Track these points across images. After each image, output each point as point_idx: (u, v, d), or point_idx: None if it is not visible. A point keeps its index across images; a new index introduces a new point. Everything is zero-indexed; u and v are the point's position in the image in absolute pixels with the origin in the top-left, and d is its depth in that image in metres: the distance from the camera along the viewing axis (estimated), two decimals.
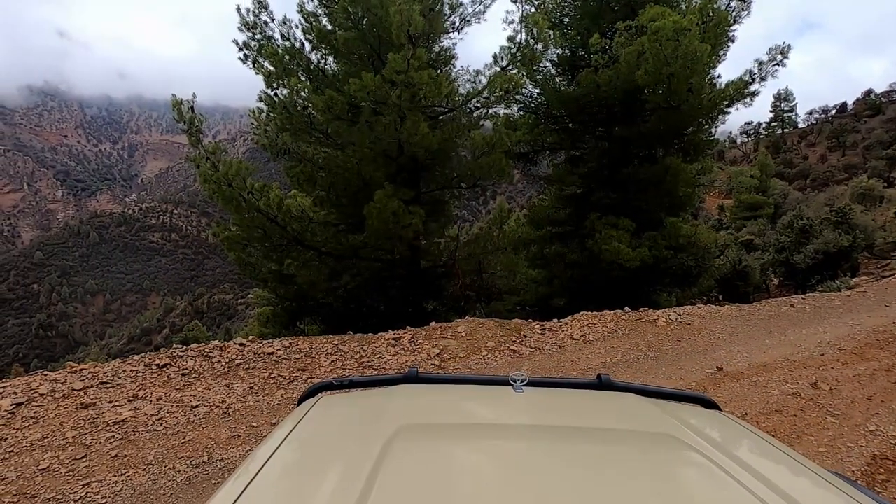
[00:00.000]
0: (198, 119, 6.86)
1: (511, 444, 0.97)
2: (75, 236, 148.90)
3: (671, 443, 0.98)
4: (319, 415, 1.16)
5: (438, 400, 1.27)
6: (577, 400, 1.29)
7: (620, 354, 5.14)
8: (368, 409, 1.20)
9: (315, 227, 8.15)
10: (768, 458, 1.02)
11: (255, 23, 7.99)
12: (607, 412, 1.21)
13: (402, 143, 7.39)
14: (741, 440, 1.13)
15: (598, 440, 1.01)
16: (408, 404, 1.18)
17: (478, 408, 1.22)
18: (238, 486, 0.79)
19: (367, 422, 1.06)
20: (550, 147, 12.50)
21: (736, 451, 0.98)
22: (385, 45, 7.36)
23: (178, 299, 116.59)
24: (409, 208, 7.31)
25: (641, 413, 1.18)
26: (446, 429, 1.03)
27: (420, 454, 0.89)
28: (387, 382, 1.33)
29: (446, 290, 10.91)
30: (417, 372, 1.34)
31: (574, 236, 11.80)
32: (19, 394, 4.01)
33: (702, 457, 0.89)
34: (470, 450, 0.94)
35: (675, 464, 0.93)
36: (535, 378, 1.28)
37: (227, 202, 7.21)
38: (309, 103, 6.52)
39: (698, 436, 1.00)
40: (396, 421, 1.00)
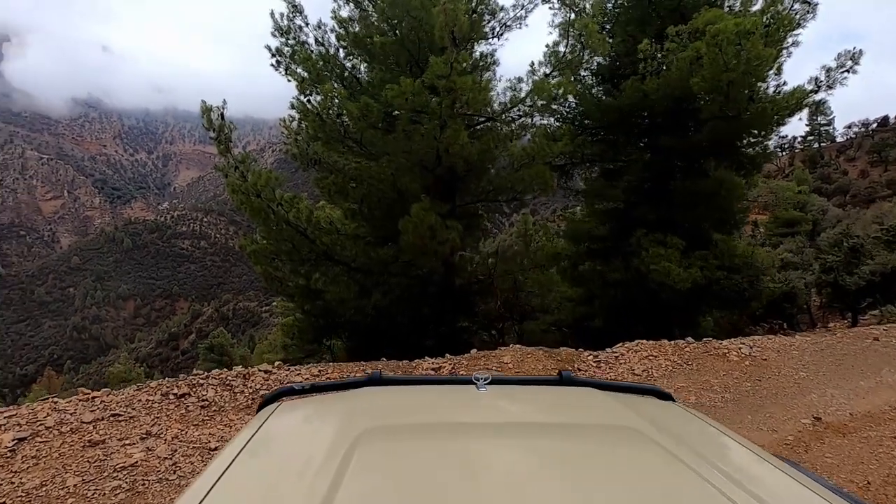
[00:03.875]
0: (227, 127, 6.53)
1: (476, 443, 0.97)
2: (110, 242, 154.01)
3: (631, 434, 0.99)
4: (281, 420, 1.14)
5: (402, 401, 1.26)
6: (540, 396, 1.31)
7: (693, 396, 4.48)
8: (331, 412, 1.18)
9: (345, 241, 7.72)
10: (721, 447, 1.06)
11: (288, 28, 7.69)
12: (569, 407, 1.23)
13: (439, 154, 6.91)
14: (696, 430, 1.16)
15: (561, 435, 1.02)
16: (371, 407, 1.17)
17: (442, 407, 1.22)
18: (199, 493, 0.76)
19: (330, 425, 1.05)
20: (590, 159, 11.87)
21: (691, 441, 1.01)
22: (424, 50, 6.94)
23: (205, 305, 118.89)
24: (447, 223, 6.80)
25: (601, 407, 1.20)
26: (411, 429, 1.02)
27: (385, 456, 0.89)
28: (349, 385, 1.31)
29: (478, 308, 10.35)
30: (381, 374, 1.32)
31: (616, 254, 11.10)
32: (24, 426, 3.60)
33: (660, 447, 0.91)
34: (435, 450, 0.93)
35: (635, 455, 0.93)
36: (497, 376, 1.28)
37: (255, 213, 6.84)
38: (343, 110, 6.10)
39: (656, 427, 1.01)
40: (360, 424, 0.99)
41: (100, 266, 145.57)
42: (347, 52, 7.46)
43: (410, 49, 6.92)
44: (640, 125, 11.64)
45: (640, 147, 12.00)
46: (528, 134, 9.16)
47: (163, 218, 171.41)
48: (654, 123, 11.24)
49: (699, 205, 10.36)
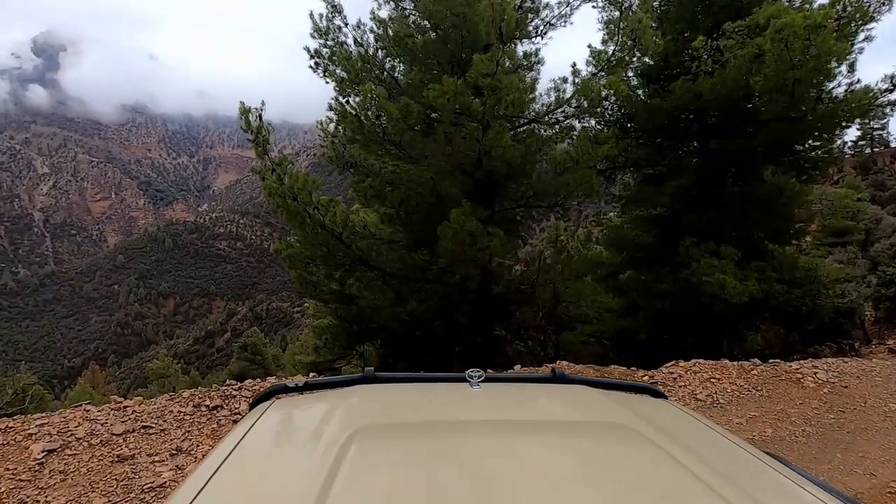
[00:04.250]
0: (265, 129, 6.41)
1: (470, 440, 0.97)
2: (152, 242, 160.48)
3: (624, 432, 0.99)
4: (274, 418, 1.13)
5: (396, 399, 1.24)
6: (534, 394, 1.31)
7: (770, 429, 3.99)
8: (324, 410, 1.18)
9: (381, 246, 7.49)
10: (713, 444, 1.07)
11: (327, 29, 7.55)
12: (562, 405, 1.23)
13: (480, 156, 6.60)
14: (689, 427, 1.16)
15: (555, 432, 1.02)
16: (365, 405, 1.16)
17: (436, 405, 1.21)
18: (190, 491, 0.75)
19: (323, 423, 1.03)
20: (634, 163, 11.32)
21: (685, 439, 1.03)
22: (466, 50, 6.66)
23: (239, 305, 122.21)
24: (488, 229, 6.47)
25: (595, 404, 1.20)
26: (404, 427, 1.02)
27: (378, 454, 0.89)
28: (343, 384, 1.29)
29: (514, 317, 9.98)
30: (374, 371, 1.31)
31: (662, 263, 10.52)
32: (55, 435, 3.48)
33: (653, 444, 0.92)
34: (429, 447, 0.93)
35: (629, 452, 0.93)
36: (491, 374, 1.28)
37: (291, 217, 6.69)
38: (382, 111, 5.88)
39: (649, 424, 1.02)
40: (353, 422, 0.99)
41: (143, 265, 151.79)
42: (387, 52, 7.26)
43: (452, 48, 6.65)
44: (688, 128, 11.05)
45: (688, 151, 11.40)
46: (569, 137, 8.76)
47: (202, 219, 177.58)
48: (704, 126, 10.63)
49: (753, 212, 9.69)
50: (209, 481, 0.80)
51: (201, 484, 0.79)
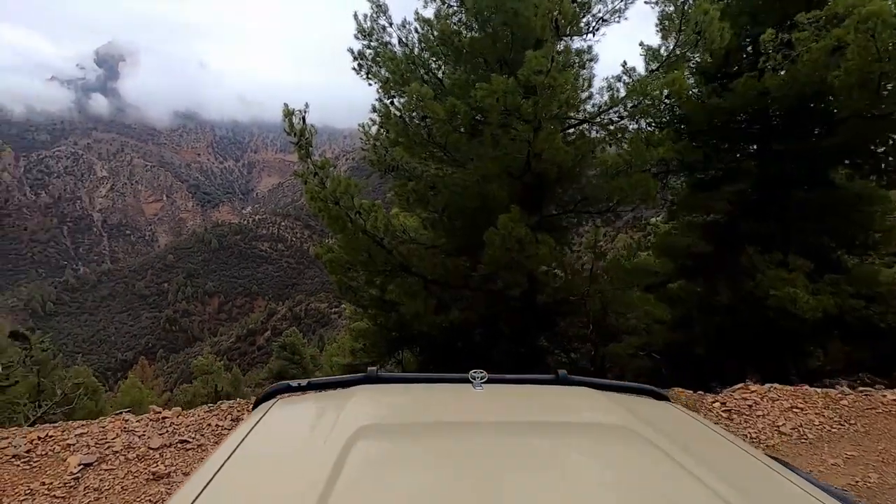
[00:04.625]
0: (308, 132, 6.28)
1: (472, 441, 0.96)
2: (199, 242, 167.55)
3: (626, 434, 0.99)
4: (276, 418, 1.13)
5: (398, 400, 1.25)
6: (536, 395, 1.30)
7: (875, 473, 3.43)
8: (327, 410, 1.15)
9: (422, 252, 7.24)
10: (715, 446, 1.07)
11: (371, 29, 7.39)
12: (565, 406, 1.23)
13: (529, 160, 6.25)
14: (691, 430, 1.15)
15: (557, 434, 1.02)
16: (367, 405, 1.16)
17: (438, 406, 1.20)
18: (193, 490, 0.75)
19: (325, 423, 1.01)
20: (689, 167, 10.66)
21: (686, 441, 1.01)
22: (516, 47, 6.33)
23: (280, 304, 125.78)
24: (537, 236, 6.10)
25: (597, 406, 1.19)
26: (407, 428, 1.02)
27: (381, 454, 0.89)
28: (345, 384, 1.29)
29: (557, 327, 9.53)
30: (377, 371, 1.31)
31: (719, 273, 9.82)
32: (92, 447, 3.37)
33: (655, 447, 0.91)
34: (431, 448, 0.93)
35: (630, 454, 0.93)
36: (494, 375, 1.27)
37: (332, 222, 6.53)
38: (428, 112, 5.62)
39: (651, 427, 1.01)
40: (356, 422, 0.98)
41: (190, 264, 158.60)
42: (431, 52, 7.02)
43: (501, 46, 6.34)
44: (748, 128, 10.33)
45: (747, 153, 10.67)
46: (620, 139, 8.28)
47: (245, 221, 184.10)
48: (766, 126, 9.89)
49: (825, 220, 8.89)
50: (211, 480, 0.79)
51: (204, 483, 0.78)
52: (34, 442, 3.33)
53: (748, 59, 10.42)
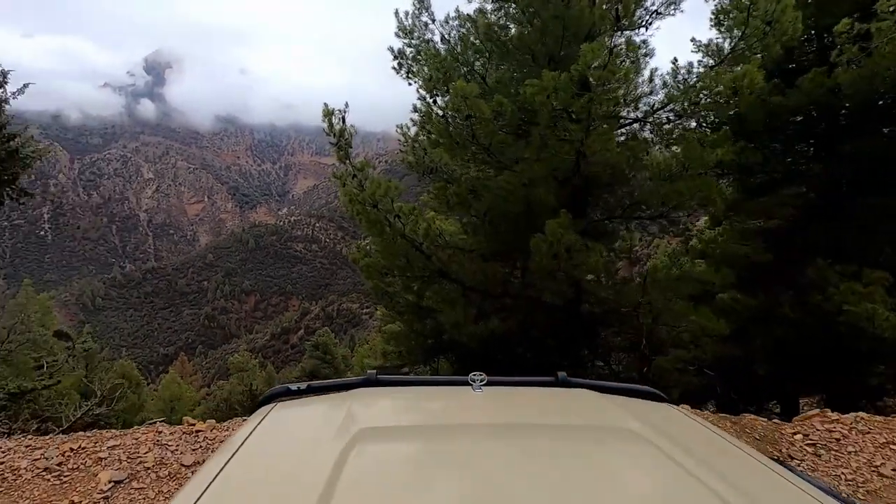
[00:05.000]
0: (347, 132, 6.08)
1: (472, 444, 0.96)
2: (238, 242, 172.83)
3: (626, 436, 0.99)
4: (276, 421, 1.13)
5: (398, 402, 1.25)
6: (536, 397, 1.30)
7: None
8: (327, 413, 1.16)
9: (462, 258, 6.93)
10: (715, 447, 1.07)
11: (412, 26, 7.16)
12: (565, 408, 1.22)
13: (579, 161, 5.85)
14: (692, 432, 1.14)
15: (557, 436, 1.02)
16: (367, 408, 1.15)
17: (438, 409, 1.20)
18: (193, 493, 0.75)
19: (325, 426, 1.03)
20: (746, 169, 9.96)
21: (687, 443, 1.01)
22: (567, 42, 5.95)
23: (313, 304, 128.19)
24: (588, 243, 5.69)
25: (597, 408, 1.19)
26: (406, 431, 1.03)
27: (380, 457, 0.88)
28: (345, 387, 1.28)
29: (599, 338, 9.06)
30: (377, 374, 1.30)
31: (780, 284, 9.11)
32: (123, 462, 3.21)
33: (656, 449, 0.91)
34: (431, 451, 0.93)
35: (631, 456, 0.93)
36: (493, 377, 1.26)
37: (370, 226, 6.31)
38: (473, 111, 5.31)
39: (652, 429, 1.01)
40: (356, 425, 0.97)
41: (228, 263, 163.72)
42: (475, 49, 6.72)
43: (551, 41, 5.97)
44: (812, 128, 9.60)
45: (809, 155, 9.92)
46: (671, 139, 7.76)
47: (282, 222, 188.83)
48: (834, 125, 9.14)
49: None
50: (211, 484, 0.78)
51: (204, 486, 0.77)
52: (66, 454, 3.20)
53: (814, 54, 9.68)
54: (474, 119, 5.50)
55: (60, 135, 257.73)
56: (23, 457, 3.12)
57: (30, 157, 5.55)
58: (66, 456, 3.17)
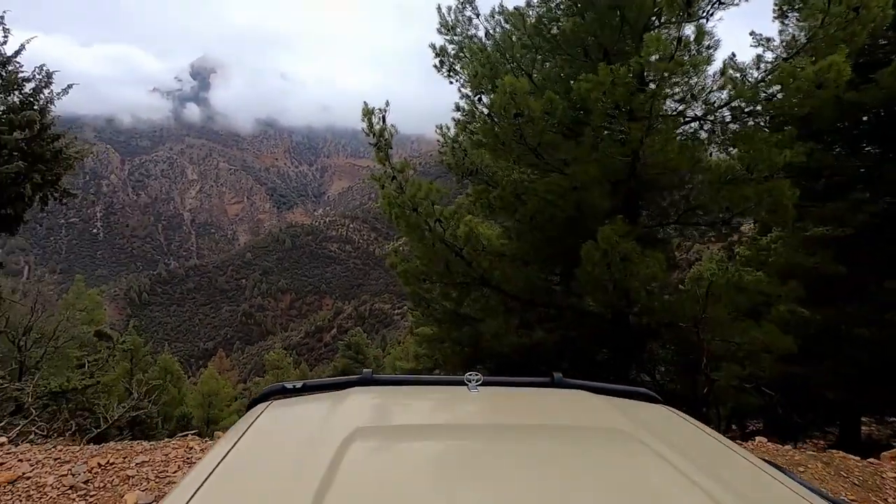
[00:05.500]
0: (388, 132, 5.82)
1: (467, 444, 0.98)
2: (275, 242, 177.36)
3: (621, 437, 1.00)
4: (271, 419, 1.13)
5: (394, 402, 1.25)
6: (532, 398, 1.30)
7: None
8: (322, 412, 1.13)
9: (505, 265, 6.56)
10: (711, 451, 1.06)
11: (455, 22, 6.86)
12: (560, 409, 1.22)
13: (636, 163, 5.39)
14: (686, 433, 1.15)
15: (552, 437, 1.02)
16: (362, 407, 1.16)
17: (433, 408, 1.21)
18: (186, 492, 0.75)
19: (320, 425, 1.01)
20: (814, 172, 9.18)
21: (681, 444, 1.02)
22: (623, 35, 5.51)
23: (346, 304, 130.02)
24: (645, 252, 5.23)
25: (592, 409, 1.20)
26: (402, 430, 1.02)
27: (376, 456, 0.89)
28: (340, 386, 1.27)
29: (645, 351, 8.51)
30: (372, 374, 1.30)
31: (852, 298, 8.32)
32: (151, 481, 3.03)
33: (649, 449, 0.92)
34: (426, 450, 0.94)
35: (625, 457, 0.94)
36: (489, 377, 1.26)
37: (410, 230, 6.03)
38: (522, 109, 4.95)
39: (646, 430, 1.02)
40: (351, 424, 0.97)
41: (266, 262, 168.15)
42: (522, 43, 6.35)
43: (607, 32, 5.53)
44: (888, 128, 8.81)
45: (880, 156, 9.11)
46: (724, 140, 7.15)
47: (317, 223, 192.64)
48: None
49: None
50: (204, 483, 0.78)
51: (196, 486, 0.77)
52: (94, 470, 3.03)
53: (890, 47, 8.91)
54: (523, 118, 5.13)
55: (113, 137, 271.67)
56: (50, 472, 2.97)
57: (73, 158, 5.56)
58: (94, 472, 3.00)
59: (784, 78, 5.15)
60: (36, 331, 8.21)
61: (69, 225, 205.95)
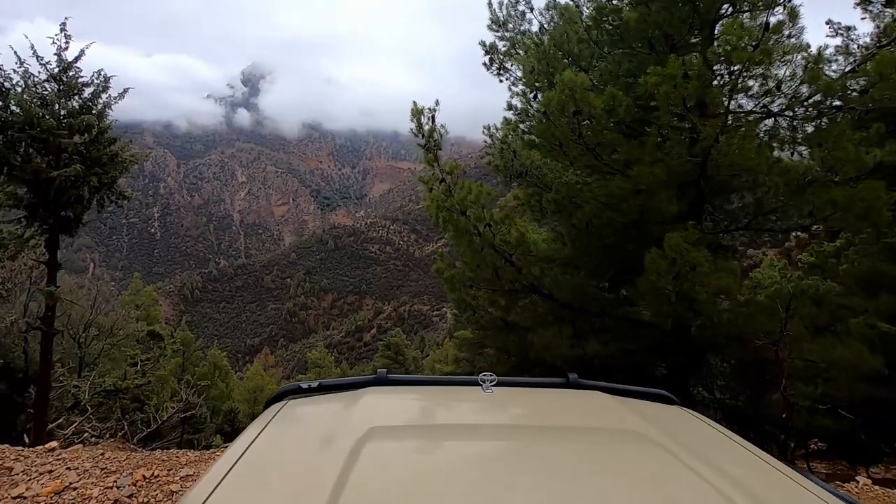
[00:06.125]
0: (437, 132, 5.59)
1: (481, 444, 0.97)
2: (318, 243, 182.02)
3: (637, 438, 0.99)
4: (287, 418, 1.14)
5: (408, 402, 1.26)
6: (546, 399, 1.29)
7: None
8: (337, 411, 1.16)
9: (557, 273, 6.19)
10: (729, 452, 1.04)
11: (507, 17, 6.58)
12: (575, 410, 1.21)
13: (707, 164, 4.92)
14: (703, 435, 1.13)
15: (567, 438, 1.01)
16: (377, 406, 1.15)
17: (448, 409, 1.21)
18: (204, 490, 0.75)
19: (336, 424, 1.03)
20: None
21: (698, 446, 1.00)
22: (696, 23, 5.05)
23: (385, 304, 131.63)
24: (717, 262, 4.76)
25: (608, 410, 1.18)
26: (416, 430, 1.03)
27: (390, 456, 0.89)
28: (355, 385, 1.28)
29: (705, 368, 7.90)
30: (387, 374, 1.30)
31: None
32: None
33: (666, 451, 0.91)
34: (440, 450, 0.94)
35: (641, 459, 0.92)
36: (504, 378, 1.26)
37: (458, 235, 5.78)
38: (583, 105, 4.59)
39: (663, 431, 1.00)
40: (366, 423, 0.98)
41: (309, 262, 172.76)
42: (580, 38, 5.98)
43: (676, 22, 5.09)
44: None
45: None
46: (797, 138, 6.48)
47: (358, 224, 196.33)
48: None
49: None
50: (222, 481, 0.79)
51: (215, 483, 0.77)
52: (139, 483, 2.94)
53: None
54: (582, 115, 4.78)
55: (170, 142, 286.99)
56: (96, 482, 2.90)
57: (128, 161, 5.68)
58: (139, 486, 2.91)
59: (883, 66, 4.55)
60: (95, 328, 8.50)
61: (130, 225, 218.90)
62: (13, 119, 4.90)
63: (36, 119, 4.90)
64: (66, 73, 5.34)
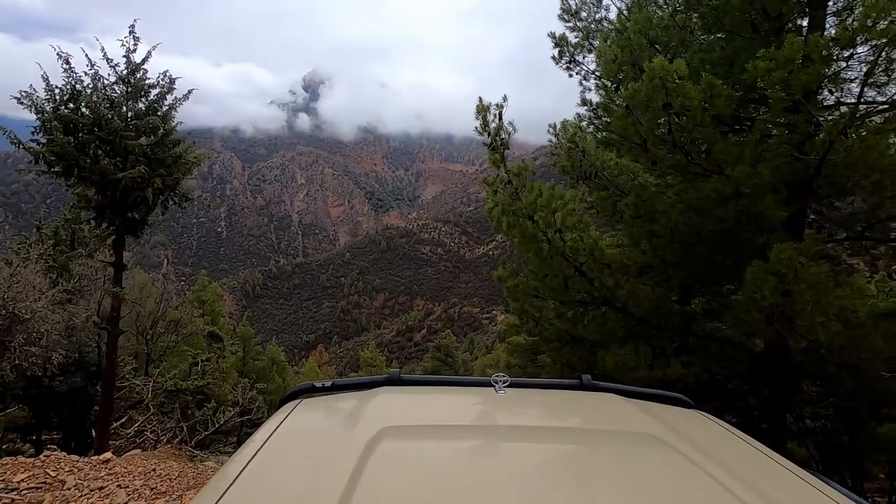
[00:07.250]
0: (504, 131, 5.17)
1: (494, 445, 0.97)
2: (371, 243, 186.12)
3: (651, 442, 0.97)
4: (301, 417, 1.14)
5: (421, 402, 1.24)
6: (559, 401, 1.28)
7: None
8: (350, 411, 1.14)
9: (634, 284, 5.59)
10: (745, 457, 1.02)
11: (580, 5, 6.06)
12: (589, 412, 1.20)
13: (823, 164, 4.19)
14: (719, 439, 1.11)
15: (580, 440, 1.01)
16: (390, 406, 1.15)
17: (460, 409, 1.20)
18: (218, 489, 0.76)
19: (348, 424, 1.03)
20: None
21: (714, 450, 0.98)
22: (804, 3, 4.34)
23: (436, 305, 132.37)
24: (839, 278, 4.03)
25: (622, 413, 1.17)
26: (429, 430, 1.02)
27: (402, 456, 0.89)
28: (368, 385, 1.28)
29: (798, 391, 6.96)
30: (399, 374, 1.30)
31: None
32: None
33: (680, 455, 0.89)
34: (452, 451, 0.93)
35: (656, 462, 0.90)
36: (517, 379, 1.25)
37: (525, 242, 5.33)
38: (676, 97, 4.02)
39: (677, 434, 0.99)
40: (378, 423, 0.98)
41: (363, 262, 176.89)
42: (666, 23, 5.37)
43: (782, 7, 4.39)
44: None
45: None
46: None
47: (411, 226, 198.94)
48: None
49: None
50: (237, 479, 0.79)
51: (229, 481, 0.78)
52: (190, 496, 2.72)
53: None
54: (672, 108, 4.20)
55: (236, 146, 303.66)
56: None
57: (191, 163, 5.70)
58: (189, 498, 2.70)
59: None
60: (161, 326, 8.72)
61: (199, 224, 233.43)
62: (83, 121, 5.01)
63: (104, 121, 5.00)
64: (133, 75, 5.42)
